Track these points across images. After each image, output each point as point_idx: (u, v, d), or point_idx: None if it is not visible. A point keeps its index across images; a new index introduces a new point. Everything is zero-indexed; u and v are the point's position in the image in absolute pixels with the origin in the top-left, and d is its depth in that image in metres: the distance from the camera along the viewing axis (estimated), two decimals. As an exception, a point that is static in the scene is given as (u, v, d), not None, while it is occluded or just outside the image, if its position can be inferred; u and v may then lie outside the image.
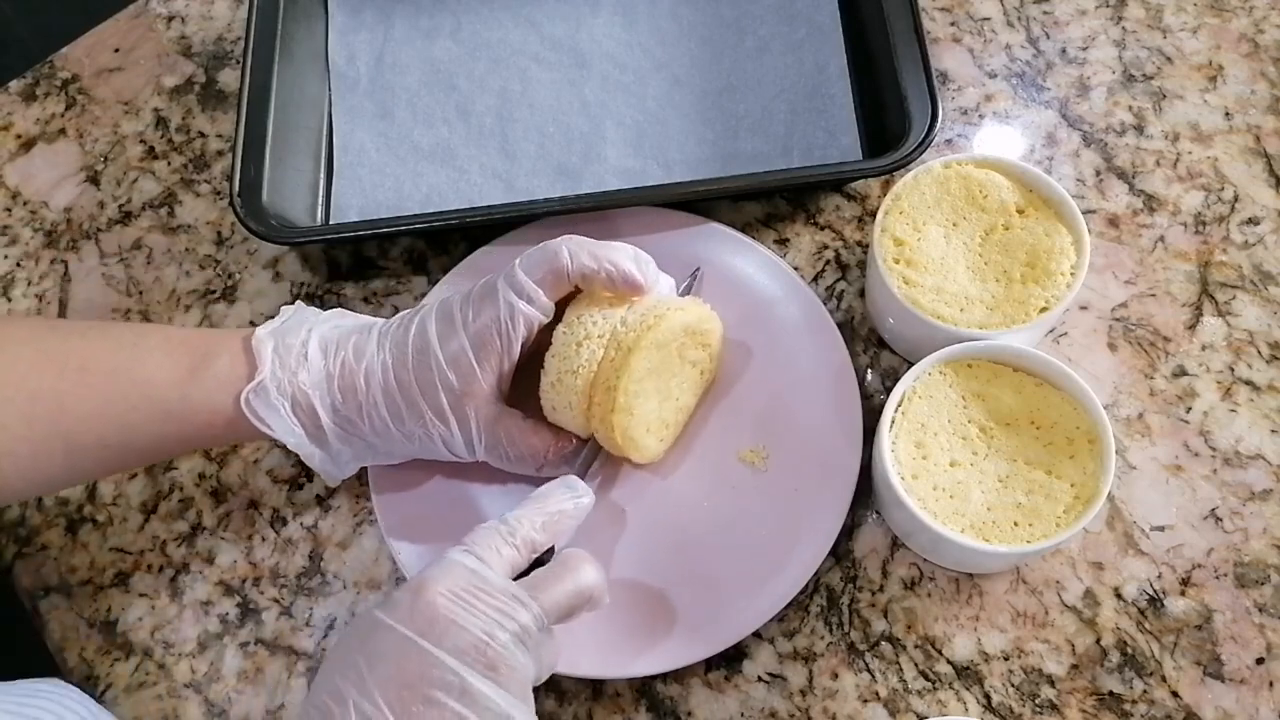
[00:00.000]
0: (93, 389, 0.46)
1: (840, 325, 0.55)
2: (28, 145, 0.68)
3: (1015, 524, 0.47)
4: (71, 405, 0.46)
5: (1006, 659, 0.50)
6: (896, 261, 0.52)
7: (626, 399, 0.48)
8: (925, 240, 0.52)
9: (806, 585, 0.51)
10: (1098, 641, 0.50)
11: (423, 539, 0.53)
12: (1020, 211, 0.52)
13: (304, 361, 0.48)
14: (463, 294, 0.49)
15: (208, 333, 0.51)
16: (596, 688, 0.51)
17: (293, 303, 0.54)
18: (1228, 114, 0.61)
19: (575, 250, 0.48)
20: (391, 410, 0.48)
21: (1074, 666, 0.50)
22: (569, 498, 0.46)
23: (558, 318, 0.50)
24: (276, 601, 0.55)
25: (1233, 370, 0.55)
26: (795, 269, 0.57)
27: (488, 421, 0.48)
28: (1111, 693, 0.49)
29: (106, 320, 0.62)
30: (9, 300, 0.64)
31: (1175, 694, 0.49)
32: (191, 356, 0.48)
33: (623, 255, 0.48)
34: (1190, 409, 0.54)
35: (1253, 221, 0.58)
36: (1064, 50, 0.64)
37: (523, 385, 0.50)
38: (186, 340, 0.49)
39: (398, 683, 0.39)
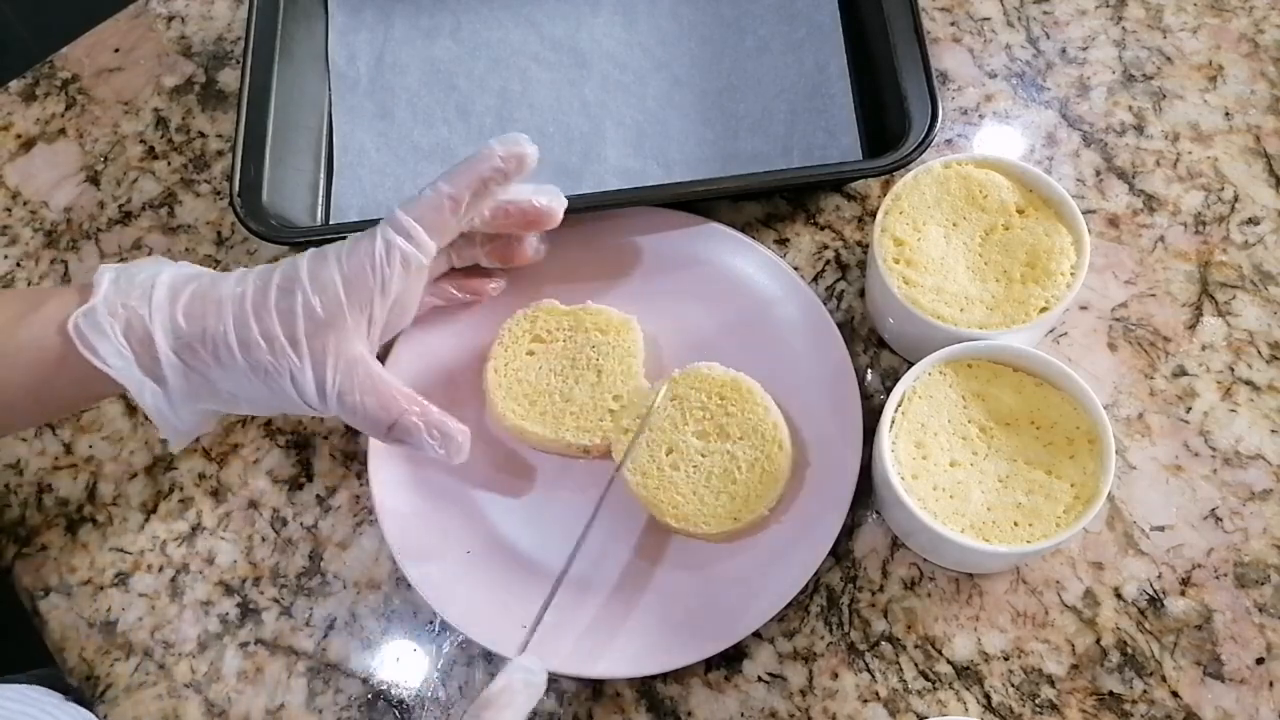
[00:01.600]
0: None
1: (840, 325, 0.55)
2: (28, 145, 0.68)
3: (1015, 524, 0.47)
4: None
5: (1006, 659, 0.50)
6: (896, 261, 0.52)
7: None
8: (925, 240, 0.52)
9: (806, 585, 0.51)
10: (1098, 641, 0.50)
11: (423, 540, 0.53)
12: (1020, 211, 0.52)
13: (147, 293, 0.46)
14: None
15: (44, 288, 0.49)
16: (596, 688, 0.51)
17: None
18: (1228, 114, 0.61)
19: (458, 184, 0.47)
20: (241, 335, 0.45)
21: (1074, 666, 0.50)
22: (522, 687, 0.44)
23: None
24: (276, 601, 0.55)
25: (1233, 370, 0.55)
26: (795, 269, 0.57)
27: (346, 363, 0.46)
28: (1111, 693, 0.49)
29: None
30: (9, 300, 0.64)
31: (1175, 694, 0.49)
32: (22, 304, 0.46)
33: (490, 155, 0.48)
34: (1190, 409, 0.54)
35: (1253, 221, 0.58)
36: (1064, 50, 0.64)
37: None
38: (20, 293, 0.47)
39: None
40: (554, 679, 0.51)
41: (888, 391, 0.50)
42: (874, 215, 0.54)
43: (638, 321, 0.55)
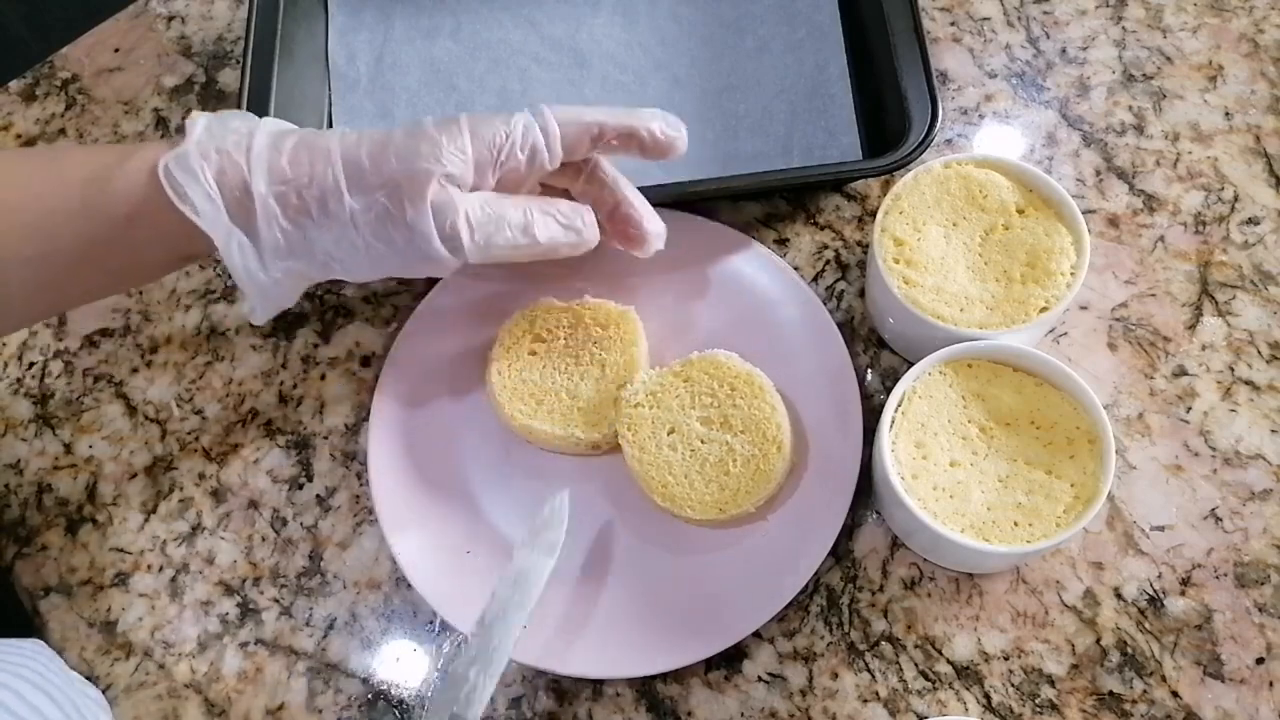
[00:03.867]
0: (6, 204, 0.43)
1: (840, 325, 0.55)
2: (28, 145, 0.68)
3: (1015, 524, 0.47)
4: None
5: (1006, 659, 0.50)
6: (896, 261, 0.52)
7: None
8: (925, 240, 0.52)
9: (806, 585, 0.51)
10: (1098, 641, 0.50)
11: (423, 539, 0.53)
12: (1020, 211, 0.52)
13: (245, 140, 0.43)
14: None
15: (132, 144, 0.47)
16: (596, 688, 0.51)
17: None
18: (1228, 114, 0.61)
19: (611, 125, 0.46)
20: (351, 172, 0.42)
21: (1074, 666, 0.50)
22: None
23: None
24: (276, 601, 0.55)
25: (1233, 370, 0.55)
26: (795, 269, 0.57)
27: (478, 204, 0.44)
28: (1111, 693, 0.49)
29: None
30: (9, 300, 0.64)
31: (1175, 694, 0.49)
32: (114, 154, 0.44)
33: (651, 117, 0.47)
34: (1190, 409, 0.54)
35: (1253, 221, 0.58)
36: (1064, 50, 0.64)
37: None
38: (110, 147, 0.45)
39: None
40: (554, 679, 0.51)
41: (888, 391, 0.50)
42: (874, 215, 0.54)
43: (635, 312, 0.55)
